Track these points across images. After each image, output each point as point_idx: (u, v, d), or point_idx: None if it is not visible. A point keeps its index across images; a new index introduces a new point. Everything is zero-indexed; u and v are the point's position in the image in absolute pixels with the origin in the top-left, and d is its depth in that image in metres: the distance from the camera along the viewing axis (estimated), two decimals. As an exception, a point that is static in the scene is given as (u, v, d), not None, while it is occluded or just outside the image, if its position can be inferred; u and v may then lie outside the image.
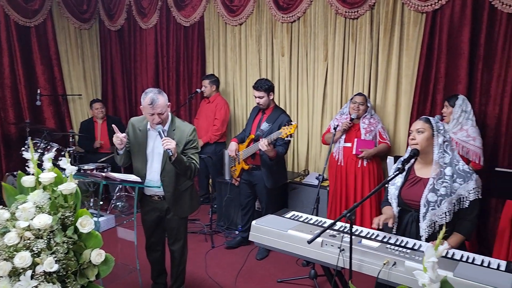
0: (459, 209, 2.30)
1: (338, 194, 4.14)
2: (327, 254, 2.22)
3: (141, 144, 2.95)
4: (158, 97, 2.77)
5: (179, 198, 3.01)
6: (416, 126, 2.35)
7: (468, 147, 3.57)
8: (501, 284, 1.78)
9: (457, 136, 3.61)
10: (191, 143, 2.92)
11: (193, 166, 2.89)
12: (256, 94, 3.88)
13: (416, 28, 4.08)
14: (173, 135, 2.88)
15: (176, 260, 3.21)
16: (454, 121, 3.63)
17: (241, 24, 5.27)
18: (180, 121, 3.00)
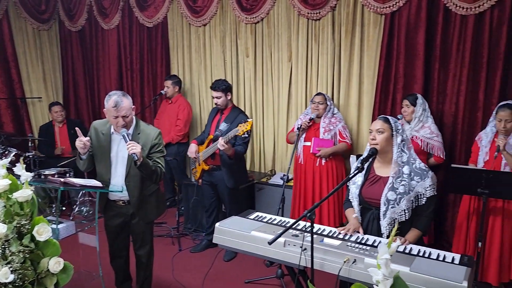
0: (417, 206, 2.37)
1: (298, 193, 4.19)
2: (290, 254, 2.24)
3: (105, 148, 2.88)
4: (123, 99, 2.71)
5: (144, 203, 2.95)
6: (376, 126, 2.40)
7: (433, 143, 3.73)
8: (454, 277, 1.85)
9: (420, 134, 3.74)
10: (157, 147, 2.87)
11: (159, 170, 2.85)
12: (214, 95, 3.91)
13: (376, 30, 4.19)
14: (138, 138, 2.82)
15: (143, 265, 3.16)
16: (416, 120, 3.75)
17: (205, 25, 5.25)
18: (145, 125, 2.95)
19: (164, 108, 5.29)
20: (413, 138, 3.72)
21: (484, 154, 3.32)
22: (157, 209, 3.07)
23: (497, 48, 3.60)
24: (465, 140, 3.85)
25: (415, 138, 3.73)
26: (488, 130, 3.38)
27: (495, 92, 3.64)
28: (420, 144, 3.70)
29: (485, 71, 3.68)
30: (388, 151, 2.41)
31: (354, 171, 2.36)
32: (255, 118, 5.16)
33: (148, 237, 3.10)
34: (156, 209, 3.06)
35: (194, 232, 4.65)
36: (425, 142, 3.72)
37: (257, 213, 2.73)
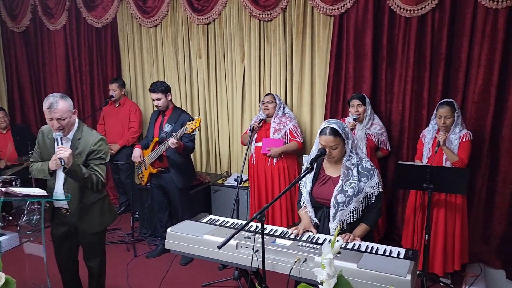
0: (366, 205, 2.43)
1: (252, 194, 4.22)
2: (242, 256, 2.25)
3: (50, 153, 2.77)
4: (58, 101, 2.61)
5: (86, 212, 2.84)
6: (329, 144, 2.36)
7: (383, 138, 3.93)
8: (399, 271, 1.92)
9: (372, 131, 3.88)
10: (95, 154, 2.76)
11: (95, 178, 2.74)
12: (154, 97, 3.88)
13: (326, 31, 4.27)
14: (78, 144, 2.74)
15: (94, 277, 3.05)
16: (367, 118, 3.87)
17: (156, 26, 5.16)
18: (88, 130, 2.84)
19: (111, 112, 5.14)
20: (368, 136, 3.85)
21: (428, 150, 3.48)
22: (101, 220, 2.93)
23: (439, 49, 3.76)
24: (412, 137, 4.00)
25: (369, 136, 3.85)
26: (430, 127, 3.54)
27: (438, 91, 3.81)
28: (375, 141, 3.86)
29: (429, 71, 3.84)
30: (342, 156, 2.45)
31: (303, 171, 2.39)
32: (209, 119, 5.13)
33: (98, 247, 3.00)
34: (100, 219, 2.92)
35: (150, 237, 4.57)
36: (377, 138, 3.89)
37: (210, 216, 2.71)
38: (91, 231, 2.90)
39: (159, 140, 3.90)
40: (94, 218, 2.89)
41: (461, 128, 3.40)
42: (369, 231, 2.46)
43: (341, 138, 2.37)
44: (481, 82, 3.60)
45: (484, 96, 3.61)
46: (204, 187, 4.74)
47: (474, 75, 3.64)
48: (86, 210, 2.84)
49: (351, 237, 2.31)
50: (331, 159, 2.43)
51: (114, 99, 5.05)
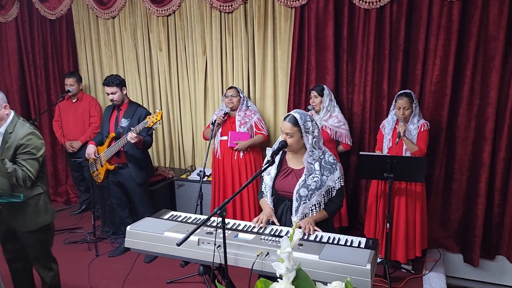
0: (329, 198, 2.45)
1: (217, 188, 4.18)
2: (204, 252, 2.21)
3: None
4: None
5: (18, 210, 2.72)
6: (286, 130, 2.37)
7: (341, 132, 3.90)
8: (359, 261, 1.94)
9: (329, 123, 3.88)
10: (23, 148, 2.64)
11: (21, 173, 2.61)
12: (109, 91, 3.78)
13: (287, 22, 4.25)
14: (9, 138, 2.65)
15: (44, 279, 2.93)
16: (324, 110, 3.89)
17: (114, 18, 5.00)
18: (20, 124, 2.71)
19: (68, 108, 4.92)
20: (323, 128, 3.86)
21: (388, 141, 3.54)
22: (36, 217, 2.78)
23: (397, 40, 3.83)
24: (374, 127, 4.06)
25: (324, 128, 3.87)
26: (389, 118, 3.60)
27: (397, 81, 3.88)
28: (330, 133, 3.85)
29: (388, 62, 3.90)
30: (300, 147, 2.44)
31: (265, 164, 2.37)
32: (172, 113, 5.04)
33: (38, 250, 2.85)
34: (35, 217, 2.77)
35: (113, 235, 4.45)
36: (334, 130, 3.88)
37: (172, 213, 2.65)
38: (26, 230, 2.78)
39: (115, 135, 3.79)
40: (27, 216, 2.75)
41: (419, 118, 3.48)
42: (327, 219, 2.47)
43: (299, 128, 2.35)
44: (437, 72, 3.69)
45: (441, 86, 3.70)
46: (168, 182, 4.66)
47: (431, 66, 3.73)
48: (19, 207, 2.71)
49: (311, 229, 2.31)
50: (288, 149, 2.42)
51: (71, 94, 4.85)
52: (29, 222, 2.77)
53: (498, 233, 3.79)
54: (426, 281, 3.51)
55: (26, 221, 2.76)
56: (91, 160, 3.94)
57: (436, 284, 3.46)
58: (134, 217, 3.99)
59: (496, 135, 3.65)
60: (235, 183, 4.08)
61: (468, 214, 3.84)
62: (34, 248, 2.84)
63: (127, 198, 4.06)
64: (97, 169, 3.95)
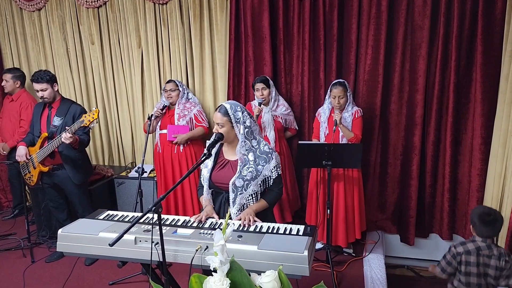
0: (266, 188, 2.46)
1: (160, 184, 4.10)
2: (142, 251, 2.15)
3: None
4: None
5: None
6: (216, 120, 2.36)
7: (290, 118, 4.01)
8: (297, 248, 1.97)
9: (278, 112, 3.93)
10: None
11: None
12: (38, 87, 3.53)
13: (223, 13, 4.21)
14: None
15: None
16: (272, 100, 3.91)
17: (39, 10, 4.72)
18: None
19: (6, 107, 4.60)
20: (275, 118, 3.89)
21: (324, 129, 3.63)
22: None
23: (331, 30, 3.91)
24: (312, 116, 4.12)
25: (276, 118, 3.90)
26: (325, 106, 3.69)
27: (332, 71, 3.97)
28: (282, 122, 3.91)
29: (323, 52, 3.97)
30: (233, 138, 2.43)
31: (201, 157, 2.34)
32: (108, 109, 4.85)
33: None
34: None
35: (49, 239, 4.22)
36: (284, 118, 3.96)
37: (108, 212, 2.56)
38: None
39: (48, 135, 3.57)
40: None
41: (352, 106, 3.59)
42: (267, 209, 2.48)
43: (229, 118, 2.34)
44: (370, 61, 3.82)
45: (373, 75, 3.84)
46: (107, 181, 4.49)
47: (364, 55, 3.86)
48: None
49: (251, 219, 2.31)
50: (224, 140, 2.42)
51: (8, 92, 4.51)
52: None
53: (430, 212, 4.02)
54: (366, 262, 3.66)
55: None
56: (22, 162, 3.69)
57: (375, 264, 3.61)
58: (73, 219, 3.80)
59: (426, 120, 3.85)
60: (176, 177, 4.01)
61: (403, 196, 4.04)
62: None
63: (64, 200, 3.86)
64: (29, 172, 3.71)
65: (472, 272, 2.50)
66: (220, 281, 1.30)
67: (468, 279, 2.51)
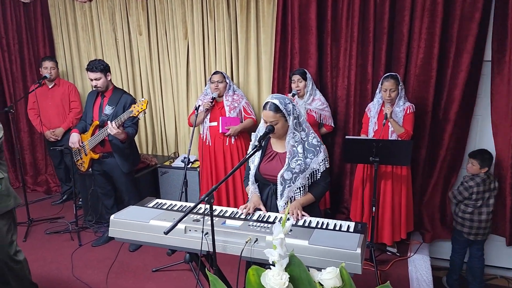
0: (313, 181, 2.42)
1: (208, 175, 4.12)
2: (191, 240, 2.16)
3: None
4: None
5: None
6: (269, 119, 2.31)
7: (325, 114, 3.90)
8: (349, 245, 1.92)
9: (313, 106, 3.86)
10: None
11: None
12: (92, 76, 3.60)
13: (271, 5, 4.17)
14: None
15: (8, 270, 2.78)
16: (307, 94, 3.85)
17: (91, 1, 4.83)
18: None
19: (46, 94, 4.75)
20: (308, 112, 3.84)
21: (373, 124, 3.53)
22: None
23: (382, 23, 3.78)
24: (358, 111, 4.04)
25: (309, 111, 3.84)
26: (375, 101, 3.58)
27: (381, 65, 3.85)
28: (315, 116, 3.84)
29: (372, 45, 3.86)
30: (285, 132, 2.40)
31: (252, 149, 2.33)
32: (153, 99, 4.93)
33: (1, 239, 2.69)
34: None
35: (96, 224, 4.37)
36: (318, 113, 3.87)
37: (157, 200, 2.59)
38: None
39: (99, 123, 3.66)
40: None
41: (404, 101, 3.47)
42: (313, 203, 2.45)
43: (282, 114, 2.31)
44: (422, 55, 3.67)
45: (426, 69, 3.69)
46: (151, 169, 4.58)
47: (416, 49, 3.71)
48: None
49: (299, 214, 2.29)
50: (273, 135, 2.38)
51: (49, 80, 4.68)
52: None
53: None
54: (411, 263, 3.56)
55: None
56: (75, 149, 3.81)
57: (421, 265, 3.50)
58: (120, 206, 3.91)
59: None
60: (228, 169, 4.02)
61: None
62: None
63: (112, 187, 3.97)
64: (81, 158, 3.82)
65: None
66: (279, 275, 1.27)
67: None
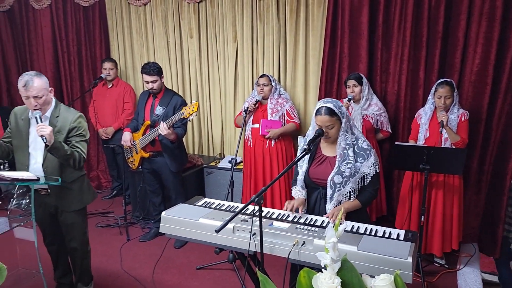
0: (362, 186, 2.40)
1: (248, 177, 4.16)
2: (239, 240, 2.20)
3: (23, 134, 2.74)
4: (34, 79, 2.56)
5: (66, 191, 2.79)
6: (326, 123, 2.31)
7: (382, 119, 3.84)
8: (400, 253, 1.89)
9: (369, 112, 3.80)
10: (76, 130, 2.73)
11: (77, 155, 2.70)
12: (149, 79, 3.71)
13: (320, 9, 4.17)
14: (56, 121, 2.70)
15: (77, 258, 3.01)
16: (364, 99, 3.80)
17: (145, 4, 5.01)
18: (65, 108, 2.80)
19: (103, 93, 4.99)
20: (364, 117, 3.78)
21: (424, 131, 3.42)
22: (80, 198, 2.88)
23: (436, 27, 3.68)
24: (408, 117, 3.95)
25: (366, 117, 3.79)
26: (427, 107, 3.48)
27: (434, 70, 3.74)
28: (372, 122, 3.78)
29: (425, 49, 3.76)
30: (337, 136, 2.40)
31: (301, 152, 2.33)
32: (201, 101, 5.04)
33: (79, 228, 2.93)
34: (79, 197, 2.87)
35: (143, 220, 4.52)
36: (375, 119, 3.81)
37: (205, 199, 2.65)
38: (71, 210, 2.85)
39: (151, 123, 3.79)
40: (73, 197, 2.84)
41: (458, 108, 3.36)
42: (361, 209, 2.42)
43: (337, 117, 2.31)
44: (478, 61, 3.54)
45: (482, 76, 3.55)
46: (197, 169, 4.68)
47: (472, 54, 3.58)
48: (66, 189, 2.78)
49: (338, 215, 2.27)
50: (328, 139, 2.38)
51: (109, 80, 4.90)
52: (75, 202, 2.86)
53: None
54: (460, 276, 3.42)
55: (73, 201, 2.84)
56: (126, 147, 3.97)
57: (471, 279, 3.36)
58: (167, 203, 4.03)
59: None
60: (266, 171, 4.05)
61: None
62: (75, 227, 2.91)
63: (160, 185, 4.09)
64: (132, 156, 3.98)
65: None
66: (331, 279, 1.27)
67: None
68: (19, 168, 2.76)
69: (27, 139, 2.74)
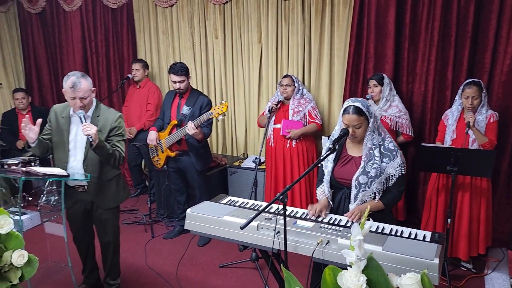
0: (387, 187, 2.37)
1: (269, 176, 4.17)
2: (263, 238, 2.21)
3: (64, 132, 2.81)
4: (81, 80, 2.63)
5: (103, 189, 2.87)
6: (353, 123, 2.29)
7: (402, 122, 3.77)
8: (426, 255, 1.86)
9: (389, 113, 3.75)
10: (116, 130, 2.81)
11: (117, 154, 2.78)
12: (176, 79, 3.75)
13: (346, 9, 4.15)
14: (97, 121, 2.77)
15: (108, 253, 3.08)
16: (383, 99, 3.76)
17: (172, 6, 5.10)
18: (105, 108, 2.87)
19: (132, 93, 5.10)
20: (382, 118, 3.74)
21: (451, 132, 3.36)
22: (117, 196, 2.97)
23: (465, 27, 3.62)
24: (435, 118, 3.89)
25: (384, 118, 3.74)
26: (454, 108, 3.41)
27: (463, 71, 3.68)
28: (390, 124, 3.73)
29: (453, 50, 3.70)
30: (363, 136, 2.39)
31: (326, 152, 2.33)
32: (226, 101, 5.07)
33: (112, 225, 3.01)
34: (116, 195, 2.96)
35: (167, 218, 4.59)
36: (394, 121, 3.75)
37: (229, 198, 2.68)
38: (107, 207, 2.93)
39: (178, 123, 3.84)
40: (110, 194, 2.92)
41: (487, 109, 3.28)
42: (384, 210, 2.39)
43: (365, 117, 2.30)
44: (509, 62, 3.46)
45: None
46: (221, 169, 4.72)
47: (502, 54, 3.51)
48: (104, 186, 2.87)
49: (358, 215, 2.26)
50: (354, 139, 2.37)
51: (136, 80, 5.00)
52: (111, 200, 2.94)
53: None
54: (488, 281, 3.34)
55: (109, 199, 2.93)
56: (152, 146, 4.03)
57: (500, 285, 3.28)
58: (191, 202, 4.08)
59: None
60: (287, 172, 4.06)
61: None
62: (108, 224, 2.98)
63: (184, 184, 4.14)
64: (158, 155, 4.04)
65: None
66: (356, 277, 1.27)
67: None
68: (58, 165, 2.83)
69: (68, 137, 2.80)
